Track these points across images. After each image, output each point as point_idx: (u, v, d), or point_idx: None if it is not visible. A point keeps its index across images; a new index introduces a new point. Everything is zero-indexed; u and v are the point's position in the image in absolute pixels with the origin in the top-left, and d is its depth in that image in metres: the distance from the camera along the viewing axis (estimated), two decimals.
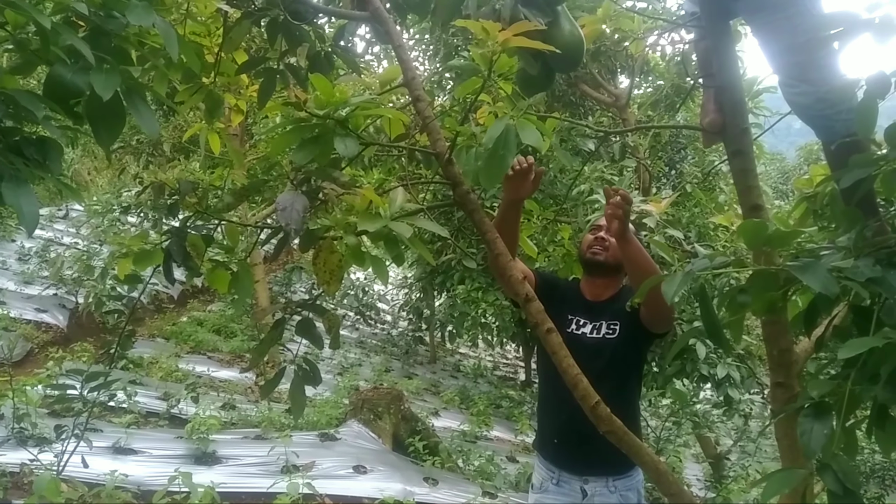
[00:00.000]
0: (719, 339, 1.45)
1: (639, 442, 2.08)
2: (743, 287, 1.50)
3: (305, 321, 2.08)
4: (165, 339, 8.24)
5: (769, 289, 1.46)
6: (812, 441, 1.26)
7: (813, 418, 1.32)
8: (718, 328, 1.44)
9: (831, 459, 1.26)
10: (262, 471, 4.52)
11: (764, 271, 1.47)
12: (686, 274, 1.45)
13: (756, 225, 1.46)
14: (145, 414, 5.56)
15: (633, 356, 2.54)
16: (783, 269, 1.43)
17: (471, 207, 2.13)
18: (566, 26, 1.99)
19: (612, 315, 2.49)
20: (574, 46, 1.99)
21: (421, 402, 8.37)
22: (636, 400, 2.60)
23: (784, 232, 1.50)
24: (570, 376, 2.02)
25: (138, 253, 2.40)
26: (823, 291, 1.28)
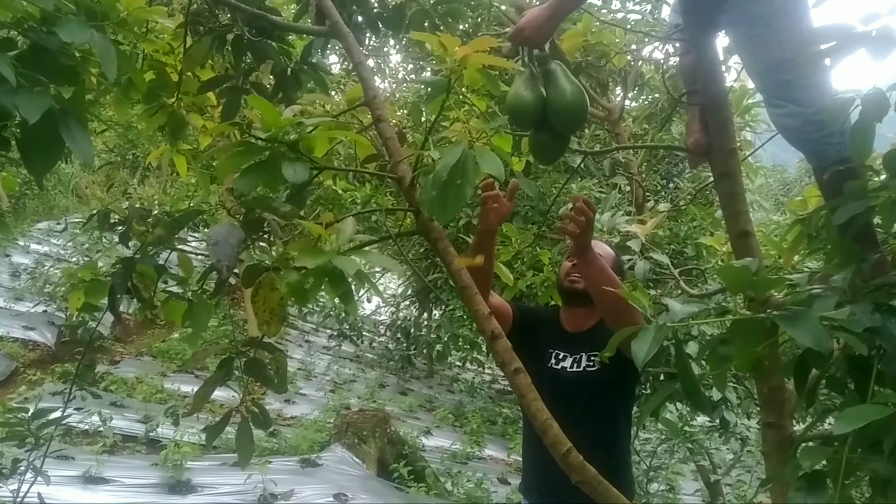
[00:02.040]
0: (697, 397, 1.30)
1: (615, 492, 1.91)
2: (725, 337, 1.33)
3: (253, 361, 1.92)
4: (153, 357, 8.07)
5: (753, 339, 1.30)
6: None
7: (806, 492, 1.16)
8: (697, 389, 1.29)
9: None
10: (237, 500, 4.36)
11: (747, 320, 1.31)
12: (659, 329, 1.29)
13: (738, 270, 1.30)
14: (123, 439, 5.37)
15: (618, 389, 2.38)
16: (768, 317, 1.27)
17: (434, 236, 1.97)
18: (566, 86, 1.84)
19: (593, 346, 2.33)
20: (575, 106, 1.84)
21: (413, 421, 8.19)
22: (625, 437, 2.44)
23: (769, 279, 1.34)
24: (540, 421, 1.85)
25: (89, 284, 2.25)
26: (815, 347, 1.12)
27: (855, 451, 1.17)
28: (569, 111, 1.85)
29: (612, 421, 2.36)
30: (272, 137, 1.71)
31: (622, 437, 2.42)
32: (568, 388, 2.35)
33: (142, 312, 2.37)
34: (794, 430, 1.94)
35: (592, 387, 2.33)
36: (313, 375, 9.53)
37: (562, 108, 1.82)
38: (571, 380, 2.35)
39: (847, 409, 1.10)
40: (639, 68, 6.02)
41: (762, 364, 1.33)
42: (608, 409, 2.35)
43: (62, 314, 7.61)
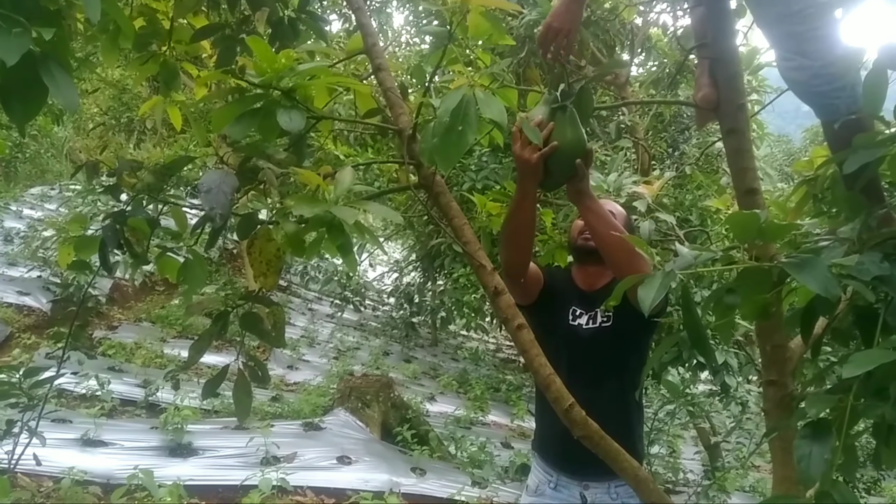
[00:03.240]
0: (704, 347, 1.26)
1: (616, 447, 1.89)
2: (731, 286, 1.30)
3: (250, 315, 1.89)
4: (152, 323, 8.06)
5: (760, 289, 1.26)
6: (811, 467, 1.07)
7: (811, 440, 1.12)
8: (703, 338, 1.25)
9: (831, 487, 1.07)
10: (240, 462, 4.36)
11: (755, 269, 1.27)
12: (666, 275, 1.25)
13: (746, 217, 1.25)
14: (122, 403, 5.38)
15: (632, 344, 2.35)
16: (777, 266, 1.23)
17: (436, 190, 1.93)
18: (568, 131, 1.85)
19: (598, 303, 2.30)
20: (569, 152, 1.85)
21: (417, 387, 8.22)
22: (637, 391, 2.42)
23: (778, 225, 1.29)
24: (542, 377, 1.83)
25: (78, 240, 2.21)
26: (823, 294, 1.09)
27: (860, 398, 1.15)
28: (561, 154, 1.85)
29: (625, 375, 2.35)
30: (267, 83, 1.66)
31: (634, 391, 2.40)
32: (585, 345, 2.33)
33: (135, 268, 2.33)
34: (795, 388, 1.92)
35: (607, 343, 2.31)
36: (316, 343, 9.55)
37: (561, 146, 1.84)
38: (587, 337, 2.33)
39: (855, 354, 1.07)
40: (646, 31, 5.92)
41: (768, 312, 1.29)
42: (624, 364, 2.33)
43: (57, 279, 7.57)
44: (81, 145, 13.09)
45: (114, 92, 10.69)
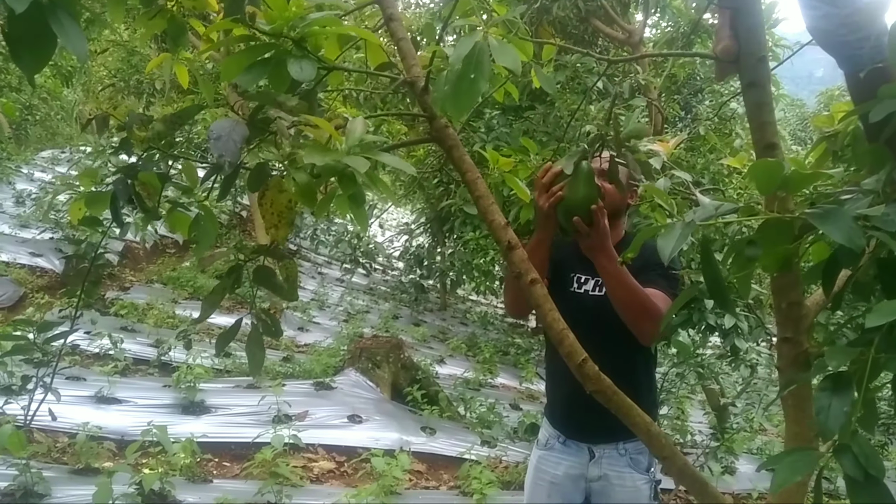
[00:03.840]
0: (723, 298, 1.23)
1: (629, 402, 1.88)
2: (752, 238, 1.27)
3: (262, 269, 1.88)
4: (163, 285, 8.11)
5: (782, 240, 1.24)
6: (830, 420, 1.05)
7: (831, 393, 1.10)
8: (722, 288, 1.22)
9: (851, 440, 1.06)
10: (252, 420, 4.41)
11: (776, 220, 1.24)
12: (686, 225, 1.23)
13: (770, 165, 1.22)
14: (134, 362, 5.43)
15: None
16: (799, 216, 1.20)
17: (449, 143, 1.89)
18: (581, 188, 1.90)
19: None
20: (578, 206, 1.91)
21: (427, 350, 8.27)
22: (649, 360, 2.40)
23: (802, 174, 1.26)
24: (556, 331, 1.82)
25: (89, 195, 2.20)
26: (847, 244, 1.06)
27: (881, 351, 1.13)
28: (573, 208, 1.92)
29: (635, 345, 2.32)
30: (278, 31, 1.62)
31: (646, 361, 2.38)
32: (590, 312, 2.30)
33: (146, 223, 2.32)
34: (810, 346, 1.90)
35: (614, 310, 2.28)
36: (326, 306, 9.59)
37: (568, 203, 1.92)
38: (593, 304, 2.29)
39: (878, 305, 1.04)
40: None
41: (790, 264, 1.27)
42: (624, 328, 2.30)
43: (69, 241, 7.61)
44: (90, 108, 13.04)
45: (122, 53, 10.61)
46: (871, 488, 1.06)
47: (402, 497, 3.79)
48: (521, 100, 7.50)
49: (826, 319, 4.71)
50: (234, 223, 11.58)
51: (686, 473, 1.95)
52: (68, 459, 3.49)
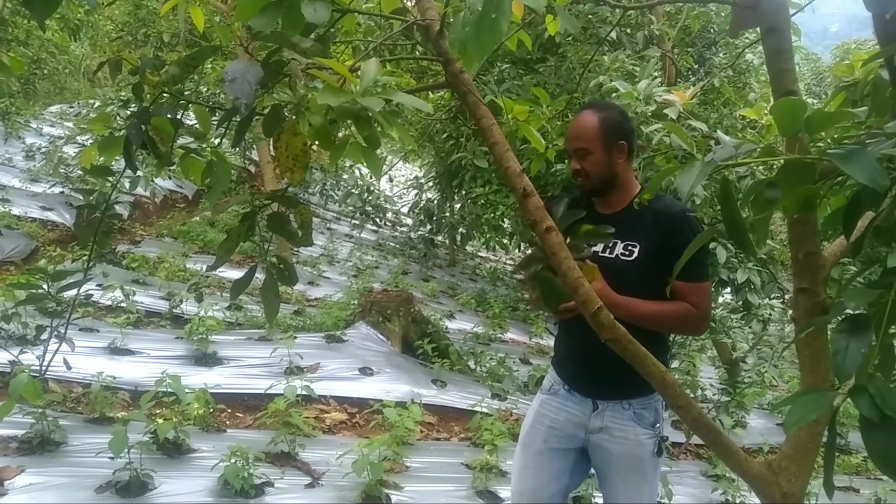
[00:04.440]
0: (742, 240, 1.21)
1: (644, 351, 1.88)
2: (772, 180, 1.25)
3: (277, 215, 1.87)
4: (174, 239, 8.14)
5: (802, 182, 1.21)
6: (847, 361, 1.04)
7: (848, 334, 1.09)
8: (742, 228, 1.19)
9: (868, 381, 1.05)
10: (264, 372, 4.45)
11: (798, 161, 1.21)
12: (706, 164, 1.20)
13: (792, 104, 1.18)
14: (147, 314, 5.48)
15: (654, 280, 2.26)
16: (822, 157, 1.18)
17: (464, 89, 1.85)
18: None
19: (628, 234, 2.20)
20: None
21: (436, 305, 8.29)
22: None
23: (825, 113, 1.22)
24: (571, 280, 1.81)
25: (102, 140, 2.19)
26: (870, 184, 1.03)
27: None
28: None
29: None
30: None
31: None
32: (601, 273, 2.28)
33: (159, 169, 2.31)
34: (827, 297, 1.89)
35: (626, 276, 2.23)
36: (336, 261, 9.61)
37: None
38: (603, 266, 2.27)
39: None
40: None
41: (811, 204, 1.24)
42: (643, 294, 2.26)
43: (79, 195, 7.62)
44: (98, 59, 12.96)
45: (129, 7, 10.47)
46: (888, 429, 1.06)
47: (413, 448, 3.84)
48: (532, 52, 7.37)
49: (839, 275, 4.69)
50: (244, 178, 11.56)
51: (700, 423, 1.96)
52: (83, 409, 3.54)
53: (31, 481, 2.74)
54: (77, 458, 2.99)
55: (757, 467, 2.01)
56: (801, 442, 2.02)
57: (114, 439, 2.65)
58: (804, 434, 2.00)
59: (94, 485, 2.79)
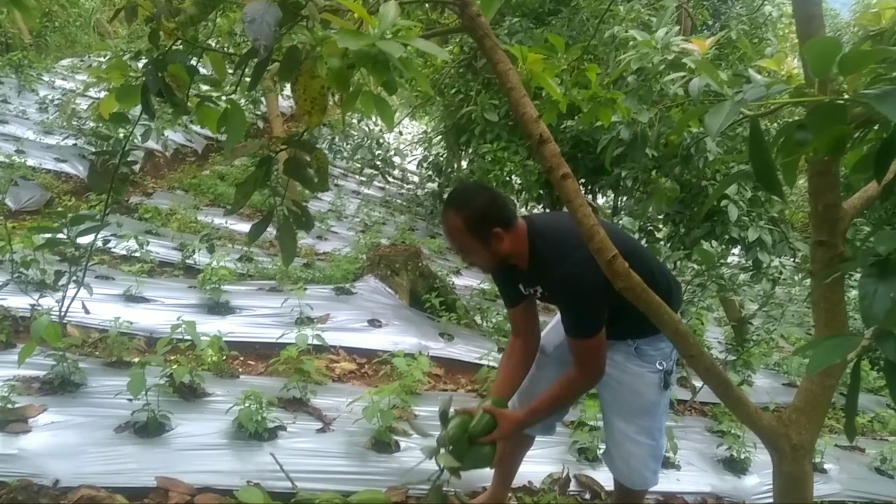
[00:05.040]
0: (771, 181, 1.20)
1: (658, 300, 1.89)
2: (802, 122, 1.23)
3: (293, 160, 1.87)
4: (185, 192, 8.16)
5: (833, 124, 1.20)
6: (875, 305, 1.05)
7: (877, 279, 1.09)
8: (771, 169, 1.19)
9: (894, 326, 1.05)
10: (275, 322, 4.51)
11: (829, 104, 1.20)
12: (736, 103, 1.19)
13: (826, 43, 1.17)
14: (160, 264, 5.53)
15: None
16: (855, 99, 1.16)
17: (481, 33, 1.84)
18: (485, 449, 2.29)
19: (535, 282, 2.36)
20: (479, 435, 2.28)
21: (442, 261, 8.32)
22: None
23: (860, 52, 1.20)
24: (586, 227, 1.81)
25: (120, 88, 2.18)
26: None
27: None
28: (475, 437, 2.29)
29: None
30: None
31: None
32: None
33: (176, 117, 2.30)
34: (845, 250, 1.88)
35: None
36: (344, 217, 9.63)
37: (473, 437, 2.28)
38: (531, 300, 2.50)
39: None
40: None
41: (843, 146, 1.23)
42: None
43: (92, 147, 7.63)
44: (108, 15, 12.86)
45: None
46: None
47: (421, 397, 3.90)
48: (544, 4, 7.23)
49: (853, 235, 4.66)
50: (252, 134, 11.52)
51: (712, 373, 1.98)
52: (100, 353, 3.61)
53: (53, 419, 2.81)
54: (96, 399, 3.06)
55: (767, 419, 2.04)
56: (813, 395, 2.04)
57: (132, 381, 2.70)
58: (816, 388, 2.02)
59: (114, 424, 2.86)
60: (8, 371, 3.12)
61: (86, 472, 2.55)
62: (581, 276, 2.10)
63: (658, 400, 2.42)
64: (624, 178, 5.56)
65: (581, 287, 2.12)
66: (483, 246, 2.20)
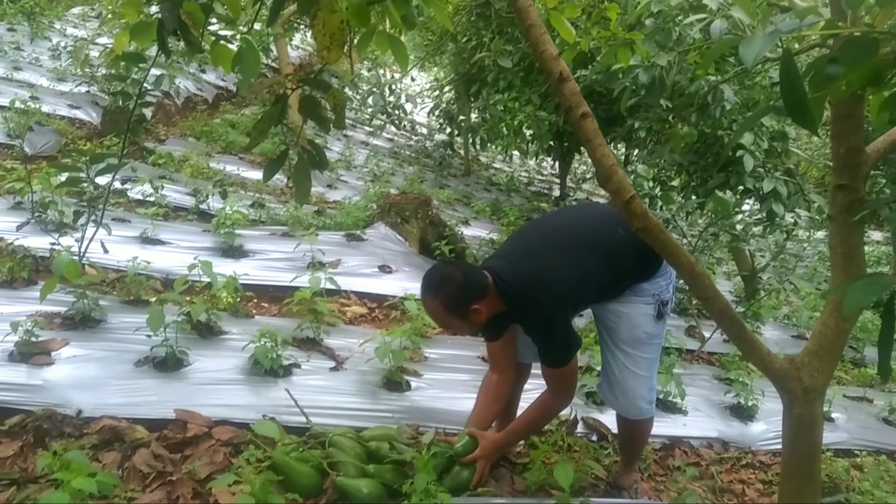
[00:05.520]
0: (804, 114, 1.18)
1: (675, 242, 1.90)
2: (834, 55, 1.21)
3: (309, 99, 1.86)
4: (196, 139, 8.15)
5: (866, 58, 1.17)
6: None
7: None
8: (804, 101, 1.16)
9: None
10: (288, 266, 4.55)
11: (863, 36, 1.17)
12: (769, 34, 1.17)
13: None
14: (174, 208, 5.57)
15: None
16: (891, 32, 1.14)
17: None
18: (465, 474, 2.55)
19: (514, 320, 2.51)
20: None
21: (451, 212, 8.31)
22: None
23: None
24: (604, 167, 1.81)
25: (135, 25, 2.16)
26: None
27: None
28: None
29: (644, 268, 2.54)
30: None
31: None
32: None
33: (191, 56, 2.29)
34: (865, 194, 1.87)
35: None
36: (353, 166, 9.61)
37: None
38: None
39: None
40: None
41: (881, 78, 1.20)
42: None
43: (104, 94, 7.61)
44: None
45: None
46: None
47: (432, 341, 3.96)
48: None
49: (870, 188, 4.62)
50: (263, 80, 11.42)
51: (726, 315, 2.00)
52: (118, 292, 3.67)
53: (74, 353, 2.89)
54: (116, 334, 3.13)
55: (779, 363, 2.06)
56: (826, 339, 2.05)
57: (151, 316, 2.75)
58: (830, 331, 2.03)
59: (133, 359, 2.93)
60: (30, 307, 3.20)
61: (107, 403, 2.62)
62: (549, 318, 2.31)
63: (653, 332, 2.49)
64: (637, 130, 5.50)
65: (551, 327, 2.32)
66: (463, 322, 2.37)
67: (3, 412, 2.50)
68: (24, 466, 2.34)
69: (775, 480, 3.22)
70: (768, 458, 3.50)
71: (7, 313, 3.10)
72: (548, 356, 2.39)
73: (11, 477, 2.28)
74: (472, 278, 2.34)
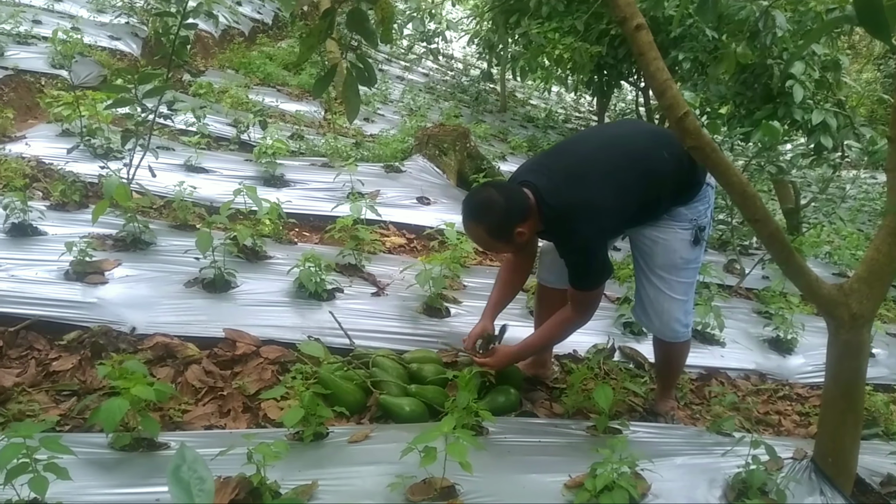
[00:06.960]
0: (877, 20, 1.11)
1: (727, 162, 1.88)
2: None
3: (356, 12, 1.84)
4: (235, 71, 8.14)
5: None
6: None
7: None
8: (878, 6, 1.09)
9: None
10: (327, 195, 4.59)
11: None
12: None
13: None
14: (216, 138, 5.62)
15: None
16: None
17: None
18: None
19: (547, 237, 2.56)
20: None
21: (488, 147, 8.23)
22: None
23: None
24: (658, 82, 1.78)
25: None
26: None
27: None
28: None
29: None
30: None
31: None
32: None
33: None
34: None
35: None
36: (389, 101, 9.53)
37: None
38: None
39: None
40: None
41: None
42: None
43: (144, 27, 7.60)
44: None
45: None
46: None
47: (470, 270, 3.99)
48: None
49: None
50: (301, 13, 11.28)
51: (776, 238, 1.98)
52: (165, 218, 3.75)
53: (127, 273, 2.98)
54: (166, 256, 3.22)
55: (827, 289, 2.04)
56: (878, 265, 2.02)
57: (199, 239, 2.82)
58: (882, 257, 2.00)
59: (183, 280, 3.02)
60: (83, 228, 3.30)
61: (159, 321, 2.72)
62: (587, 246, 2.31)
63: (690, 256, 2.48)
64: (681, 62, 5.35)
65: (586, 254, 2.32)
66: (508, 244, 2.39)
67: (61, 328, 2.61)
68: (82, 378, 2.46)
69: (813, 412, 3.24)
70: (806, 391, 3.50)
71: (61, 234, 3.20)
72: (580, 280, 2.39)
73: (72, 388, 2.40)
74: (514, 202, 2.31)
